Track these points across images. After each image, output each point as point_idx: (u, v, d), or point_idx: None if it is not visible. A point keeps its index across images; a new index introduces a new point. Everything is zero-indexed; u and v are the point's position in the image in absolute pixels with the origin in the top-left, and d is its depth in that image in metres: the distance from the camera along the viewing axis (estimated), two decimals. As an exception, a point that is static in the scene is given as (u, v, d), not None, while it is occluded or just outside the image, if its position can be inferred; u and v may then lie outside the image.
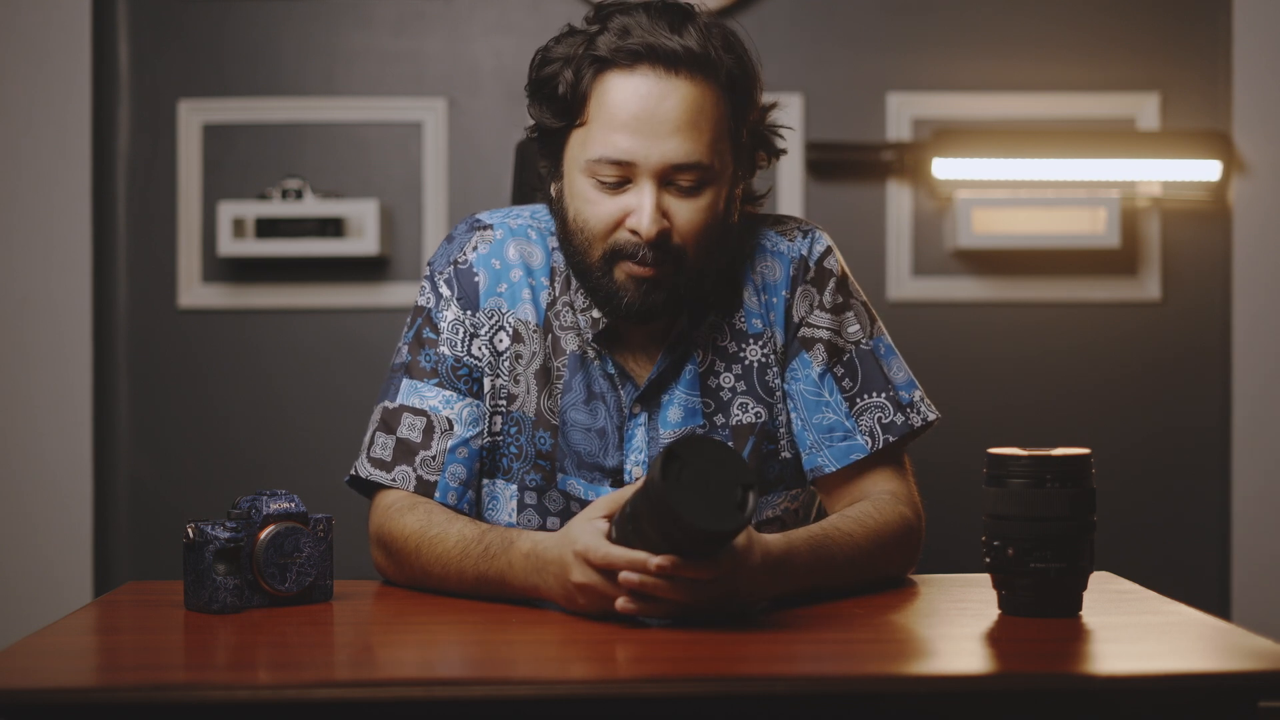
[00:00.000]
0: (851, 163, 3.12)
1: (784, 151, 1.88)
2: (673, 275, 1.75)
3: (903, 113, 3.13)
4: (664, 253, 1.73)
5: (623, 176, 1.72)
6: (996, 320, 3.16)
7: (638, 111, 1.70)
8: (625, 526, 1.48)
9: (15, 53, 3.08)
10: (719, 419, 1.82)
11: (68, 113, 3.08)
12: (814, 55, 3.13)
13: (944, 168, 3.06)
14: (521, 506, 1.82)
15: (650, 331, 1.83)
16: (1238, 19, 3.11)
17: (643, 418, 1.81)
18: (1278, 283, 3.12)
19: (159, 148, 3.15)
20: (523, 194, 2.38)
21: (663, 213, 1.72)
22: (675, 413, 1.81)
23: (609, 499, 1.55)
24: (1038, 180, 3.07)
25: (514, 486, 1.82)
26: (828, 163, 3.13)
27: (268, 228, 3.04)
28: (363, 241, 3.04)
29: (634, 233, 1.72)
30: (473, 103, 3.15)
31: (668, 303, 1.76)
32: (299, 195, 3.06)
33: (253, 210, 3.05)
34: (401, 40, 3.15)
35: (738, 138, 1.78)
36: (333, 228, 3.04)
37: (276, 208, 3.05)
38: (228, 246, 3.05)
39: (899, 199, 3.14)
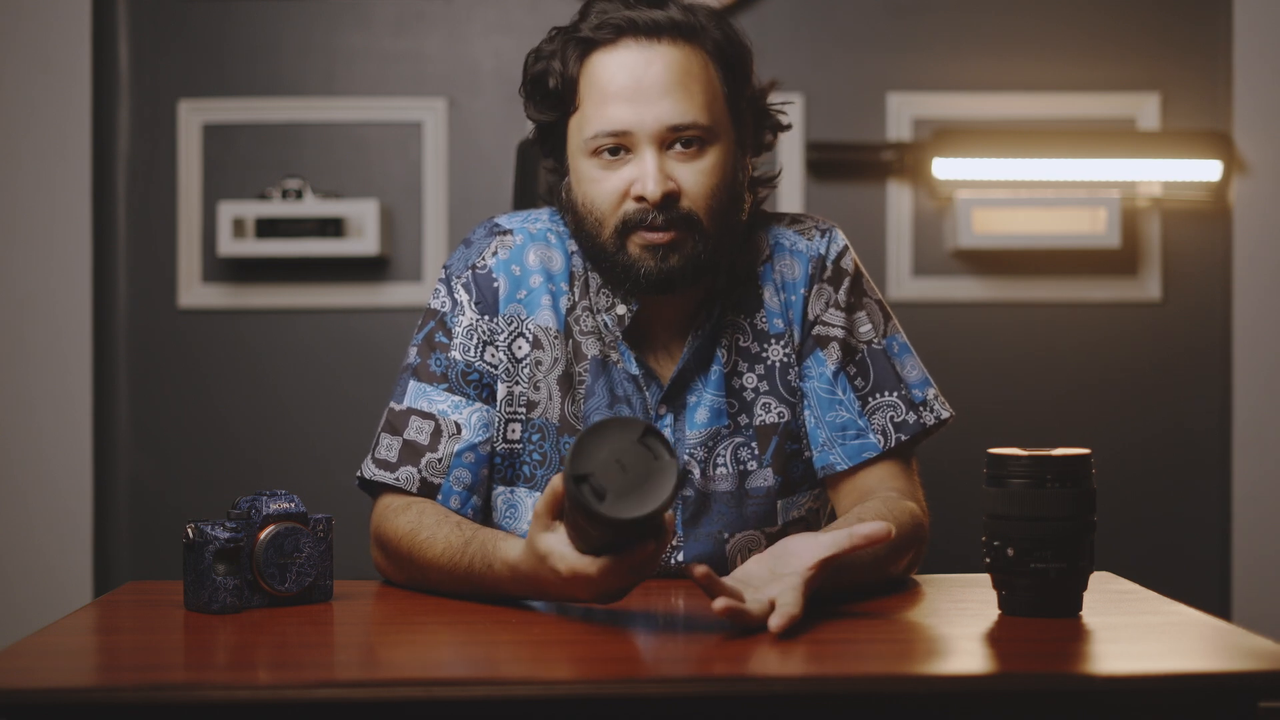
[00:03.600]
0: (851, 163, 3.12)
1: (788, 126, 1.88)
2: (689, 241, 1.74)
3: (903, 113, 3.13)
4: (674, 215, 1.73)
5: (622, 147, 1.73)
6: (996, 320, 3.16)
7: (626, 81, 1.72)
8: (579, 542, 1.46)
9: (16, 53, 3.08)
10: (743, 419, 1.82)
11: (68, 113, 3.08)
12: (814, 55, 3.13)
13: (944, 168, 3.06)
14: None
15: (674, 326, 1.82)
16: (1238, 19, 3.11)
17: (669, 419, 1.81)
18: (1278, 283, 3.12)
19: (159, 148, 3.15)
20: (525, 194, 2.38)
21: (668, 175, 1.73)
22: (703, 414, 1.81)
23: (544, 504, 1.49)
24: (1038, 180, 3.07)
25: (538, 494, 1.81)
26: (828, 163, 3.13)
27: (268, 228, 3.04)
28: (363, 241, 3.04)
29: (640, 199, 1.73)
30: (473, 103, 3.15)
31: (687, 270, 1.75)
32: (299, 195, 3.06)
33: (253, 210, 3.05)
34: (401, 40, 3.15)
35: (736, 106, 1.79)
36: (333, 228, 3.04)
37: (276, 208, 3.05)
38: (228, 246, 3.05)
39: (899, 199, 3.14)
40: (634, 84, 1.72)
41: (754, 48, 1.82)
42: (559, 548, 1.48)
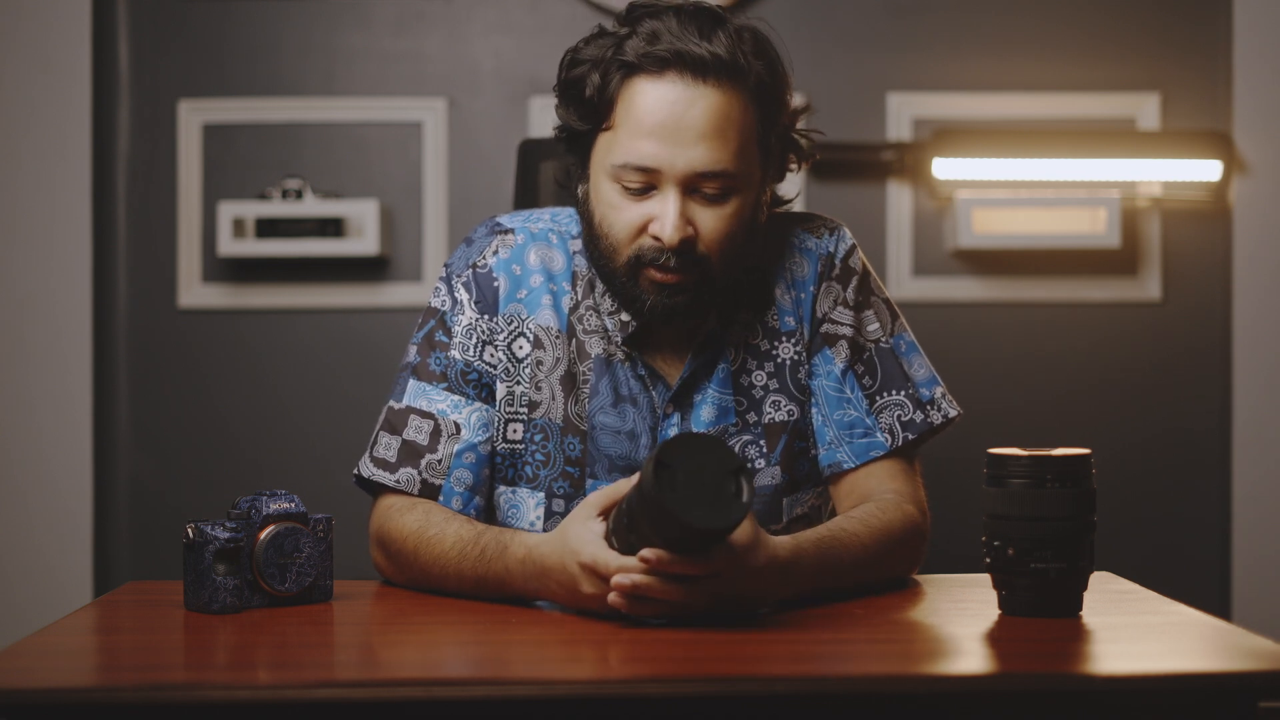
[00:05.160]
0: (852, 163, 3.12)
1: (815, 156, 1.87)
2: (697, 283, 1.74)
3: (903, 113, 3.13)
4: (688, 259, 1.72)
5: (648, 183, 1.72)
6: (996, 320, 3.16)
7: (664, 119, 1.70)
8: (626, 536, 1.48)
9: (16, 53, 3.08)
10: (751, 417, 1.82)
11: (68, 113, 3.08)
12: (814, 55, 3.13)
13: (944, 168, 3.06)
14: (549, 514, 1.81)
15: (680, 332, 1.82)
16: (1238, 19, 3.11)
17: (676, 418, 1.81)
18: (1278, 283, 3.12)
19: (159, 148, 3.15)
20: (525, 194, 2.38)
21: (687, 220, 1.72)
22: (708, 411, 1.81)
23: (600, 496, 1.55)
24: (1038, 180, 3.07)
25: (540, 494, 1.81)
26: (828, 163, 3.12)
27: (268, 228, 3.04)
28: (363, 241, 3.04)
29: (657, 239, 1.72)
30: (473, 103, 3.15)
31: (691, 306, 1.76)
32: (299, 195, 3.06)
33: (253, 210, 3.05)
34: (401, 40, 3.15)
35: (766, 143, 1.77)
36: (333, 228, 3.04)
37: (276, 208, 3.05)
38: (228, 246, 3.05)
39: (899, 199, 3.14)
40: (672, 123, 1.69)
41: (784, 50, 1.80)
42: (589, 536, 1.52)
